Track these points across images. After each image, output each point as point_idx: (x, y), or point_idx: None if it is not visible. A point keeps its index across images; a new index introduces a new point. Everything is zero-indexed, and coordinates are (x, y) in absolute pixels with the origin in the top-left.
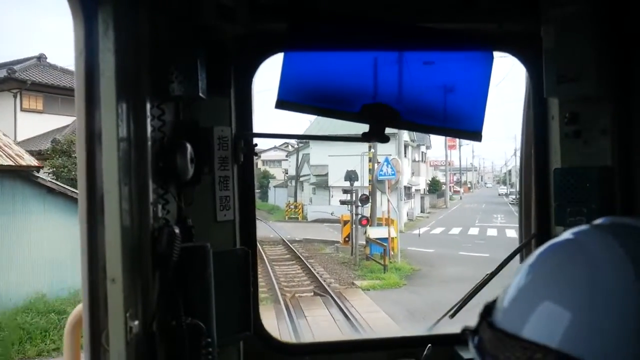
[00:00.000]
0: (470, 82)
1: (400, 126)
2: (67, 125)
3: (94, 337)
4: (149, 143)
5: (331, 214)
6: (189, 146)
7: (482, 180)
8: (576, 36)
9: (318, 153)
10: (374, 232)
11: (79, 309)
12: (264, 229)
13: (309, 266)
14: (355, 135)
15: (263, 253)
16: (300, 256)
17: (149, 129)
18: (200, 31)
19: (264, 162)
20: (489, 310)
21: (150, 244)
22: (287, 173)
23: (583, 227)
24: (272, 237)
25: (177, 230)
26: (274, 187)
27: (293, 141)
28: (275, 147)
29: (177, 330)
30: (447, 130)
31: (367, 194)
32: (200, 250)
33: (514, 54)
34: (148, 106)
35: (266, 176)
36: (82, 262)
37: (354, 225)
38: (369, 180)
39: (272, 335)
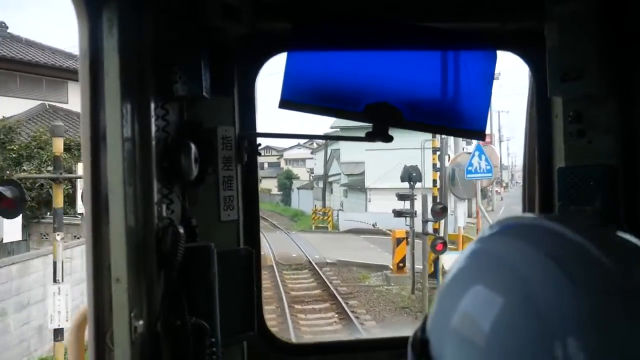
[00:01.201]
0: (473, 82)
1: (404, 126)
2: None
3: (98, 337)
4: (154, 143)
5: (373, 225)
6: (193, 146)
7: (513, 179)
8: (580, 34)
9: (351, 148)
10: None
11: (84, 309)
12: (285, 243)
13: (350, 314)
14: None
15: (281, 285)
16: (336, 293)
17: (154, 128)
18: (204, 31)
19: (287, 161)
20: (423, 341)
21: (154, 243)
22: (312, 173)
23: (484, 235)
24: (295, 258)
25: (181, 230)
26: (298, 189)
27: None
28: (299, 145)
29: (181, 330)
30: (451, 129)
31: (438, 200)
32: (205, 250)
33: (517, 53)
34: (152, 106)
35: (289, 176)
36: (87, 261)
37: (414, 244)
38: (434, 181)
39: (275, 336)
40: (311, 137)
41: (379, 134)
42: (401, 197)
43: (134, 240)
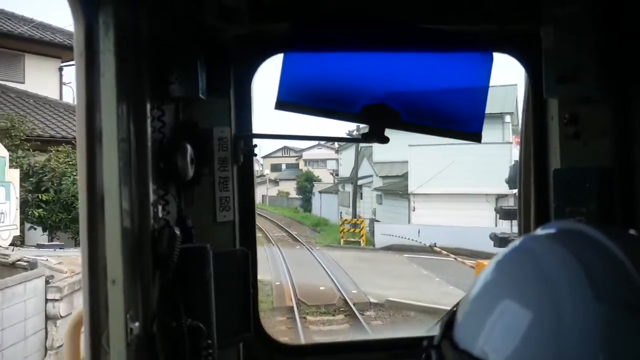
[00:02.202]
0: (470, 83)
1: (400, 127)
2: None
3: (94, 338)
4: (149, 144)
5: (431, 246)
6: (189, 147)
7: None
8: (576, 36)
9: (388, 144)
10: None
11: (80, 311)
12: (308, 266)
13: None
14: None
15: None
16: None
17: (149, 129)
18: (201, 32)
19: (306, 162)
20: (450, 325)
21: (150, 244)
22: (336, 175)
23: (536, 235)
24: (323, 293)
25: (177, 231)
26: (320, 192)
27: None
28: (319, 145)
29: (177, 331)
30: (447, 131)
31: None
32: (201, 251)
33: (513, 55)
34: (148, 107)
35: (310, 178)
36: (83, 263)
37: None
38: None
39: (271, 337)
40: (308, 138)
41: (376, 135)
42: (506, 214)
43: (129, 241)
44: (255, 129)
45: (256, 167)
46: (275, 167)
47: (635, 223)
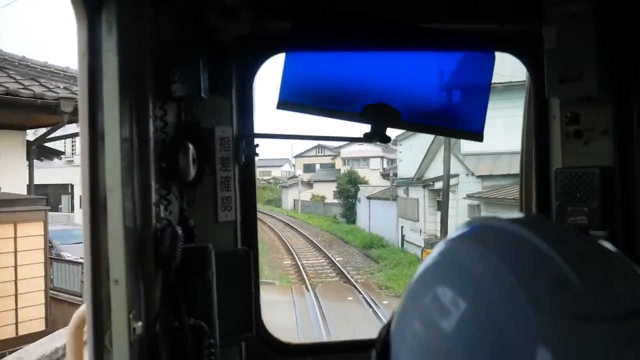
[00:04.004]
0: (472, 83)
1: (402, 126)
2: None
3: (97, 338)
4: (152, 143)
5: None
6: (191, 146)
7: None
8: (578, 36)
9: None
10: None
11: (82, 310)
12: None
13: None
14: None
15: None
16: None
17: (152, 129)
18: (203, 32)
19: (345, 160)
20: (385, 342)
21: (152, 244)
22: (393, 176)
23: (456, 235)
24: None
25: (179, 231)
26: (368, 198)
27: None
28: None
29: (180, 331)
30: (449, 130)
31: None
32: (203, 251)
33: (515, 54)
34: (150, 106)
35: (354, 180)
36: (85, 262)
37: None
38: None
39: (273, 336)
40: (310, 138)
41: (377, 135)
42: None
43: (132, 241)
44: (264, 130)
45: (288, 168)
46: (308, 168)
47: (636, 222)
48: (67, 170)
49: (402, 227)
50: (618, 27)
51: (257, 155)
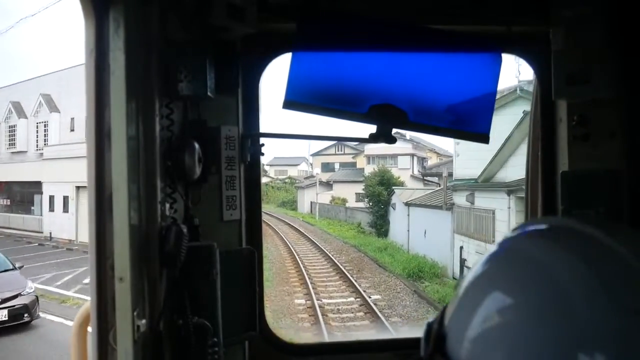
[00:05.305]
0: (478, 84)
1: (408, 127)
2: None
3: (101, 335)
4: (158, 142)
5: None
6: (197, 145)
7: None
8: (586, 38)
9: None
10: None
11: (87, 307)
12: None
13: None
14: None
15: None
16: None
17: (158, 127)
18: (209, 31)
19: (370, 158)
20: (440, 337)
21: (157, 242)
22: (448, 176)
23: (526, 234)
24: None
25: (184, 230)
26: (407, 204)
27: None
28: None
29: (183, 329)
30: (455, 131)
31: None
32: (207, 250)
33: (522, 56)
34: (157, 105)
35: (385, 181)
36: (91, 260)
37: None
38: None
39: (277, 336)
40: (316, 138)
41: (383, 135)
42: None
43: (137, 239)
44: (279, 127)
45: (305, 167)
46: (326, 167)
47: None
48: (38, 165)
49: (461, 247)
50: (625, 28)
51: (262, 154)
